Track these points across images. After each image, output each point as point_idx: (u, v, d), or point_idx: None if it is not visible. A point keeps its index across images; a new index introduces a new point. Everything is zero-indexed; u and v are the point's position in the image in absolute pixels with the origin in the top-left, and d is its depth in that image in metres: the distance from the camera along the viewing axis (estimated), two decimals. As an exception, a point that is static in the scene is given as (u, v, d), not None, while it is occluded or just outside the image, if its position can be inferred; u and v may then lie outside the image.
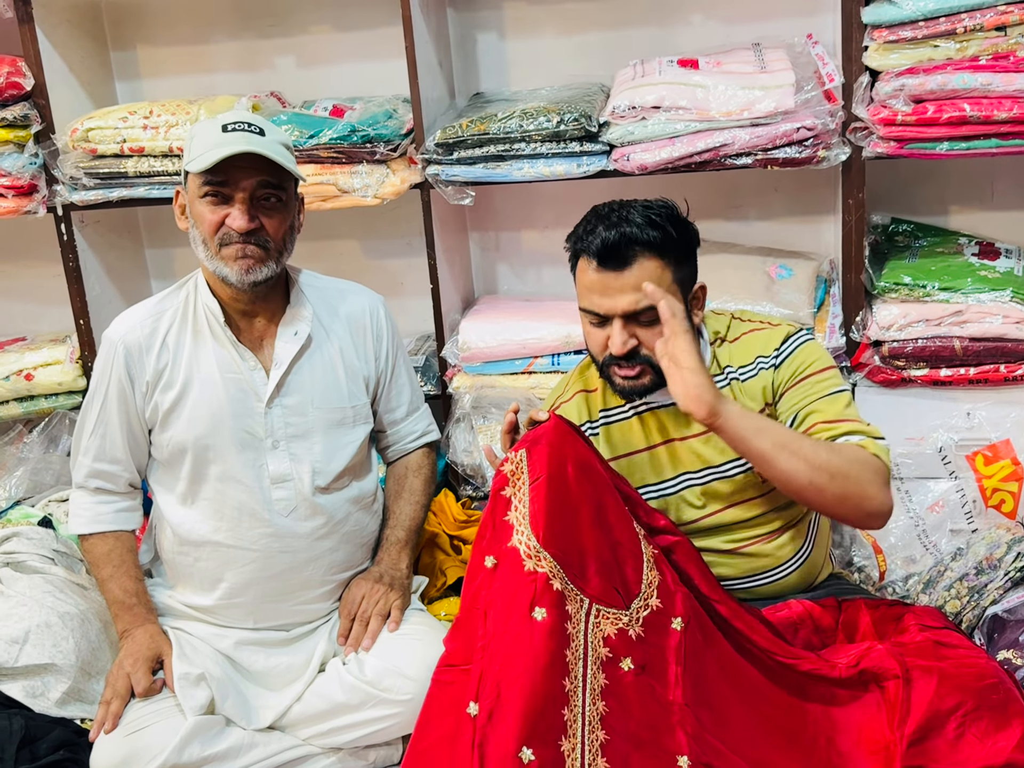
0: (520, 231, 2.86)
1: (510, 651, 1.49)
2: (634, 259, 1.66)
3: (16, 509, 2.59)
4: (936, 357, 2.27)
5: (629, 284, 1.66)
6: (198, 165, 1.77)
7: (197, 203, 1.82)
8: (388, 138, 2.46)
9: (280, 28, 2.81)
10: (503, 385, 2.54)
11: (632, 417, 1.85)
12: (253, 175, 1.79)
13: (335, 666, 1.91)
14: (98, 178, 2.60)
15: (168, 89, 2.89)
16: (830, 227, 2.63)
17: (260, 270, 1.83)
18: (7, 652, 1.94)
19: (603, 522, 1.60)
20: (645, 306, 1.66)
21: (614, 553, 1.59)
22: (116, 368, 1.90)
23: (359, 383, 2.00)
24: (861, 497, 1.61)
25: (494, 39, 2.72)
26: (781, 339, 1.79)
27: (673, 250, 1.70)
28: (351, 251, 2.92)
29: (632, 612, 1.57)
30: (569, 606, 1.53)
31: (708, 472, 1.81)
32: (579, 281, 1.75)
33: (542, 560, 1.53)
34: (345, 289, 2.07)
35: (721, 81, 2.26)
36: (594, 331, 1.74)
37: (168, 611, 1.98)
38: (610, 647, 1.54)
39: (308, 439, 1.93)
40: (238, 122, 1.81)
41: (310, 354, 1.94)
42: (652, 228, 1.68)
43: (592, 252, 1.68)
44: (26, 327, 3.11)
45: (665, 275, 1.69)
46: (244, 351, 1.90)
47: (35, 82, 2.61)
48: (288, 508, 1.91)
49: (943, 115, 2.13)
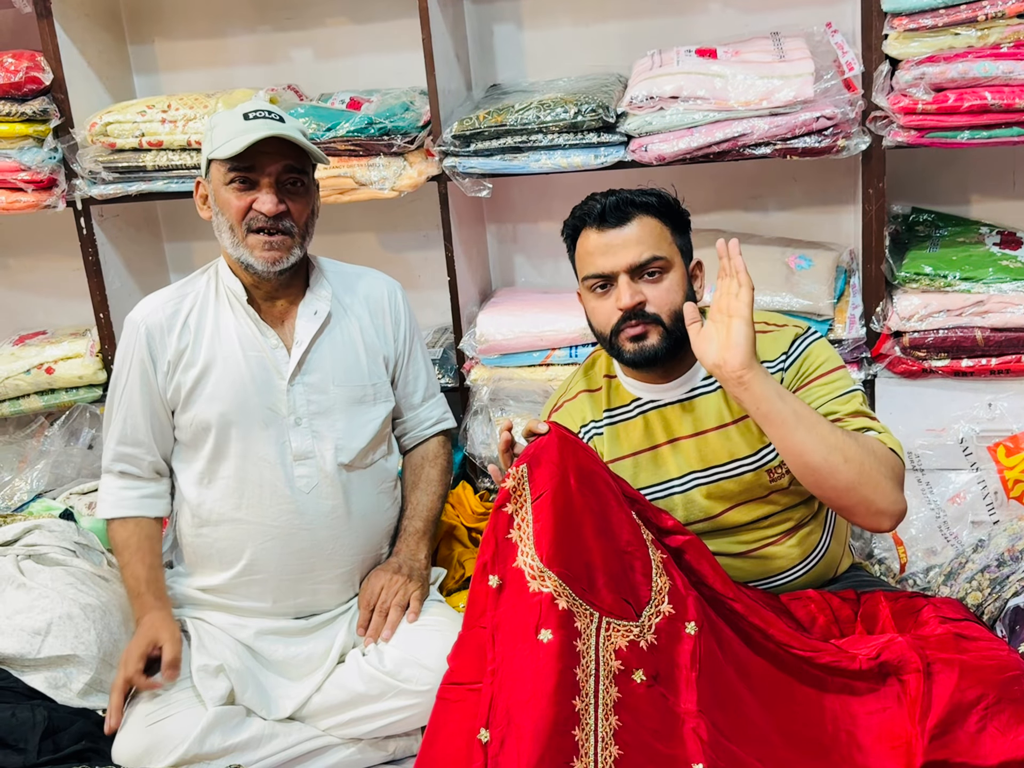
0: (537, 223, 2.85)
1: (518, 676, 1.49)
2: (633, 215, 1.71)
3: (38, 502, 2.61)
4: (957, 347, 2.26)
5: (632, 239, 1.70)
6: (225, 152, 1.80)
7: (223, 190, 1.85)
8: (405, 130, 2.46)
9: (297, 21, 2.82)
10: (521, 377, 2.54)
11: (637, 416, 1.83)
12: (278, 159, 1.83)
13: (355, 657, 1.92)
14: (117, 172, 2.61)
15: (186, 83, 2.90)
16: (850, 217, 2.61)
17: (286, 259, 1.87)
18: (30, 643, 1.95)
19: (608, 531, 1.60)
20: (649, 256, 1.69)
21: (621, 561, 1.59)
22: (138, 349, 1.93)
23: (378, 361, 2.03)
24: (873, 488, 1.58)
25: (511, 30, 2.72)
26: (789, 341, 1.78)
27: (669, 214, 1.74)
28: (368, 244, 2.92)
29: (644, 620, 1.56)
30: (578, 622, 1.52)
31: (715, 471, 1.79)
32: (580, 253, 1.77)
33: (547, 579, 1.52)
34: (363, 273, 2.11)
35: (740, 70, 2.25)
36: (599, 303, 1.75)
37: (187, 601, 1.99)
38: (622, 659, 1.53)
39: (330, 416, 1.95)
40: (258, 110, 1.85)
41: (330, 332, 1.97)
42: (645, 195, 1.74)
43: (593, 218, 1.73)
44: (46, 321, 3.14)
45: (665, 233, 1.73)
46: (266, 328, 1.92)
47: (54, 77, 2.62)
48: (310, 485, 1.93)
49: (964, 103, 2.11)
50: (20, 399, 2.87)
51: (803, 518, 1.83)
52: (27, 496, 2.64)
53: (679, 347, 1.73)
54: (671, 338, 1.71)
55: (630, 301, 1.69)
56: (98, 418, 2.86)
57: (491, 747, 1.46)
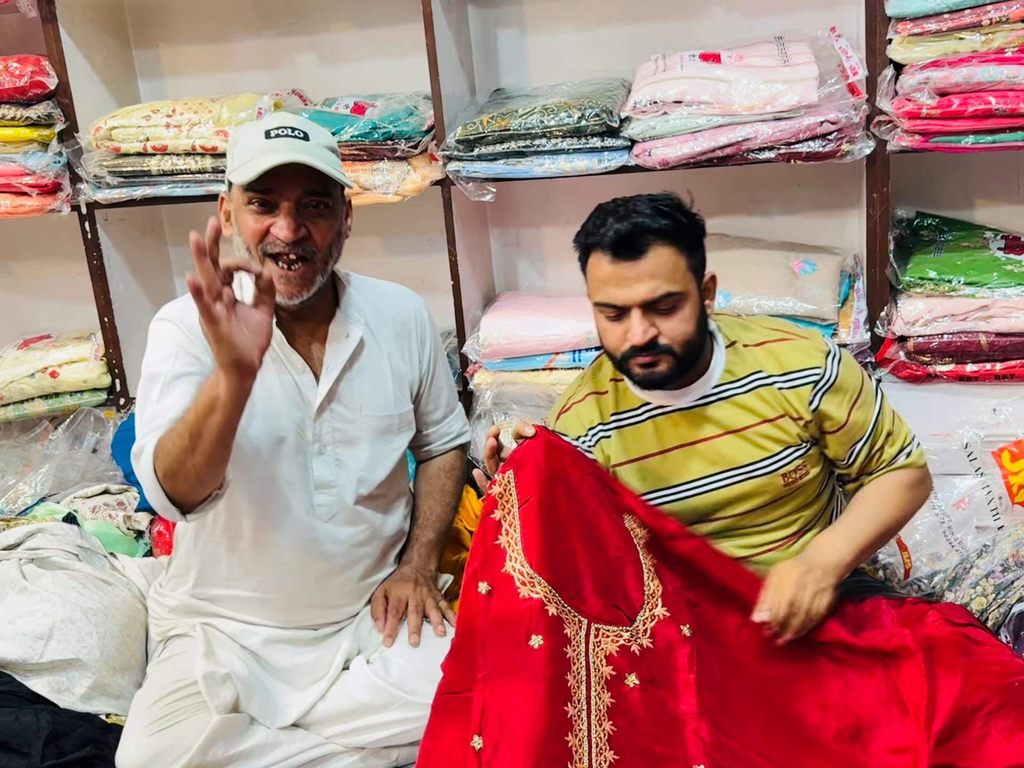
0: (541, 227, 2.85)
1: (510, 682, 1.48)
2: (648, 247, 1.65)
3: (41, 505, 2.61)
4: (962, 352, 2.26)
5: (646, 273, 1.65)
6: (241, 176, 1.71)
7: (242, 211, 1.75)
8: (409, 135, 2.46)
9: (301, 26, 2.82)
10: (524, 381, 2.54)
11: (646, 421, 1.81)
12: (298, 183, 1.72)
13: (360, 665, 1.90)
14: (121, 176, 2.61)
15: (190, 87, 2.91)
16: (854, 221, 2.61)
17: (306, 291, 1.78)
18: (32, 648, 1.95)
19: (597, 537, 1.59)
20: (663, 293, 1.65)
21: (611, 567, 1.58)
22: (182, 341, 1.78)
23: (404, 389, 1.98)
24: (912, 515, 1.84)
25: (515, 35, 2.72)
26: (822, 358, 1.76)
27: (685, 238, 1.69)
28: (372, 248, 2.92)
29: (638, 624, 1.56)
30: (567, 629, 1.53)
31: (727, 475, 1.77)
32: (592, 276, 1.73)
33: (536, 586, 1.52)
34: (390, 292, 2.03)
35: (743, 75, 2.25)
36: (610, 326, 1.72)
37: (196, 610, 1.96)
38: (613, 665, 1.53)
39: (355, 446, 1.90)
40: (281, 127, 1.73)
41: (360, 360, 1.90)
42: (662, 217, 1.67)
43: (606, 244, 1.67)
44: (51, 325, 3.14)
45: (680, 262, 1.68)
46: (291, 353, 1.84)
47: (59, 81, 2.63)
48: (329, 514, 1.89)
49: (968, 108, 2.11)
50: (24, 403, 2.87)
51: (810, 520, 1.83)
52: (31, 500, 2.64)
53: (689, 368, 1.73)
54: (681, 365, 1.70)
55: (642, 338, 1.65)
56: (103, 422, 2.87)
57: (484, 753, 1.46)
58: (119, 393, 2.86)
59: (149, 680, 1.92)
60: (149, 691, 1.86)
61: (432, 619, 1.92)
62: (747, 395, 1.76)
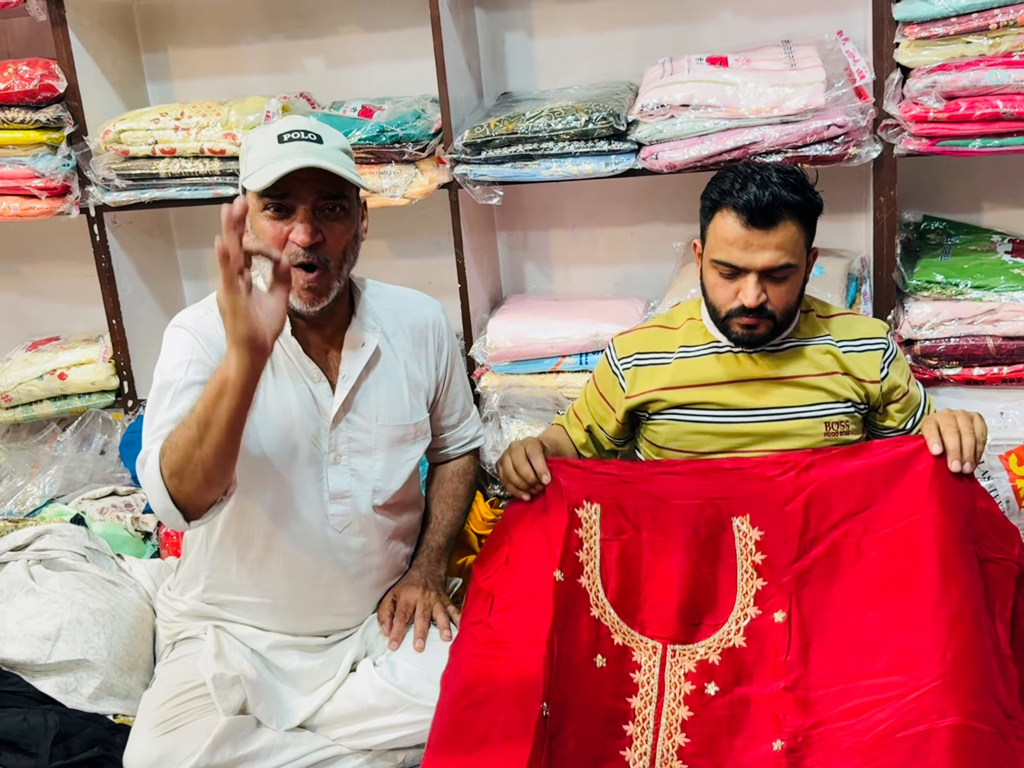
0: (548, 230, 2.86)
1: (573, 682, 1.56)
2: (780, 220, 1.77)
3: (50, 507, 2.62)
4: (969, 356, 2.25)
5: (772, 243, 1.77)
6: (255, 183, 1.68)
7: (258, 217, 1.72)
8: (417, 138, 2.47)
9: (309, 30, 2.83)
10: (531, 384, 2.54)
11: (710, 355, 1.93)
12: (313, 187, 1.69)
13: (366, 667, 1.89)
14: (130, 179, 2.62)
15: (199, 90, 2.92)
16: (861, 225, 2.61)
17: (325, 298, 1.76)
18: (40, 649, 1.96)
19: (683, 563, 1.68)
20: (783, 263, 1.78)
21: (699, 584, 1.66)
22: (196, 350, 1.75)
23: (420, 398, 1.96)
24: None
25: (522, 38, 2.72)
26: (885, 332, 1.95)
27: (809, 215, 1.83)
28: (379, 251, 2.93)
29: (726, 628, 1.62)
30: (637, 656, 1.60)
31: (772, 411, 1.89)
32: (716, 233, 1.82)
33: (607, 613, 1.63)
34: (407, 298, 2.01)
35: (751, 78, 2.25)
36: (722, 283, 1.83)
37: (206, 615, 1.95)
38: (691, 680, 1.59)
39: (370, 456, 1.88)
40: (294, 131, 1.71)
41: (376, 369, 1.88)
42: (796, 192, 1.79)
43: (741, 207, 1.77)
44: (59, 327, 3.15)
45: (801, 240, 1.81)
46: (308, 362, 1.82)
47: (68, 84, 2.64)
48: (343, 524, 1.87)
49: (976, 112, 2.11)
50: (33, 405, 2.88)
51: None
52: (39, 501, 2.65)
53: (783, 332, 1.89)
54: (778, 329, 1.86)
55: (755, 302, 1.79)
56: (111, 423, 2.87)
57: (550, 724, 1.52)
58: (127, 395, 2.87)
59: (157, 681, 1.93)
60: (157, 692, 1.87)
61: (439, 623, 1.92)
62: (812, 350, 1.90)
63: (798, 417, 1.88)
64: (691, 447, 1.93)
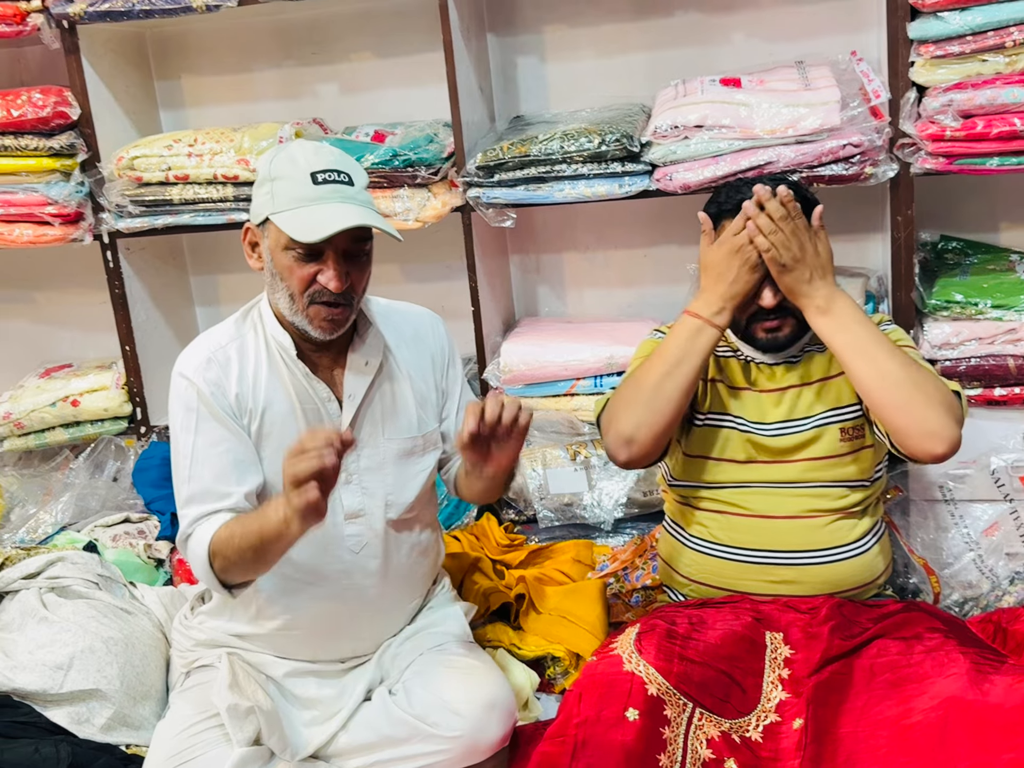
0: (561, 253, 2.85)
1: (603, 742, 1.56)
2: None
3: (62, 534, 2.61)
4: (990, 376, 2.23)
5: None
6: (299, 233, 1.65)
7: (281, 254, 1.71)
8: (429, 162, 2.47)
9: (322, 56, 2.84)
10: (545, 407, 2.52)
11: (730, 357, 1.96)
12: (346, 234, 1.68)
13: (382, 696, 1.87)
14: (143, 205, 2.63)
15: (212, 117, 2.93)
16: (877, 244, 2.59)
17: (341, 329, 1.77)
18: (52, 678, 1.94)
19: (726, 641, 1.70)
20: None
21: (730, 670, 1.67)
22: (201, 404, 1.76)
23: (429, 410, 1.95)
24: (927, 407, 1.70)
25: (534, 62, 2.73)
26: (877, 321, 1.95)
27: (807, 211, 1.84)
28: (392, 275, 2.93)
29: (748, 719, 1.63)
30: (668, 711, 1.59)
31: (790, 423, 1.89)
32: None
33: (640, 665, 1.63)
34: (405, 311, 2.01)
35: (765, 99, 2.24)
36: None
37: (223, 644, 1.93)
38: (713, 748, 1.58)
39: (380, 471, 1.87)
40: (328, 171, 1.69)
41: (380, 384, 1.87)
42: (790, 186, 1.85)
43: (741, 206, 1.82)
44: (72, 354, 3.15)
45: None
46: (316, 383, 1.81)
47: (81, 112, 2.65)
48: (360, 544, 1.86)
49: (993, 130, 2.09)
50: (45, 432, 2.88)
51: (856, 506, 1.88)
52: (51, 529, 2.64)
53: (805, 334, 1.90)
54: (801, 329, 1.88)
55: (773, 301, 1.83)
56: (123, 450, 2.87)
57: None
58: (140, 421, 2.87)
59: (171, 711, 1.90)
60: (171, 722, 1.84)
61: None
62: (826, 353, 1.90)
63: (814, 426, 1.87)
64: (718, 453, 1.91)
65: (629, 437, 1.82)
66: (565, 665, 2.16)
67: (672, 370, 1.81)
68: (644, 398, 1.82)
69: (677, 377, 1.80)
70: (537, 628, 2.22)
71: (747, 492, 1.89)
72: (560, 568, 2.37)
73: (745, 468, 1.90)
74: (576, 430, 2.50)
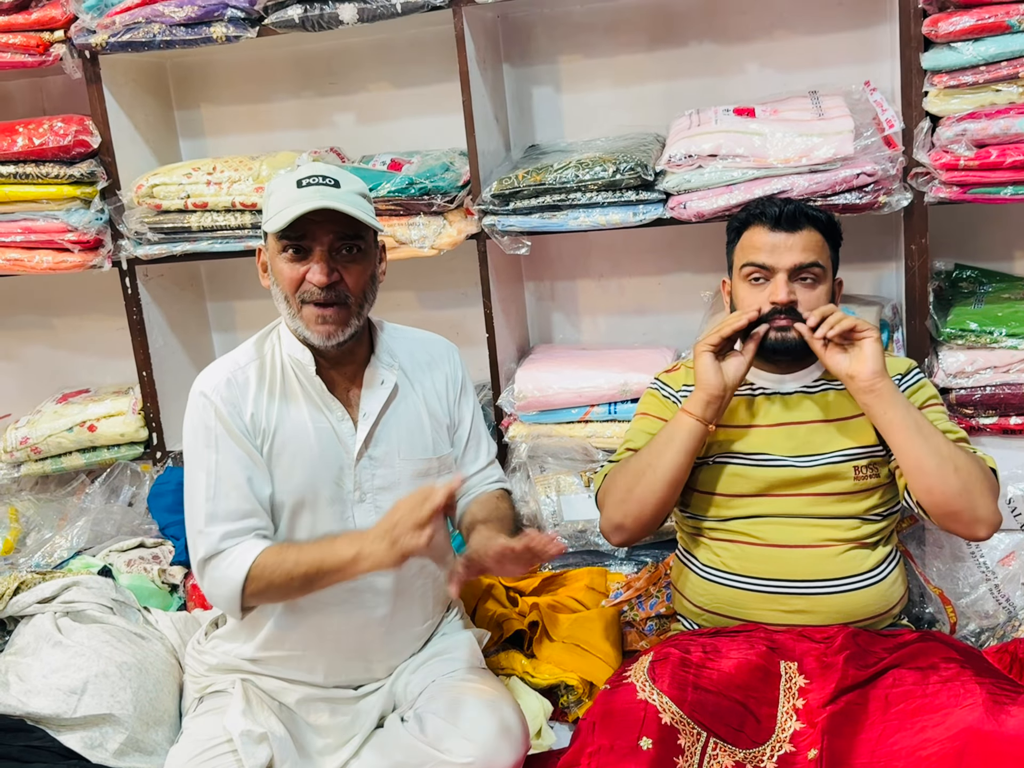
0: (575, 280, 2.86)
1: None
2: (804, 225, 1.88)
3: (78, 559, 2.61)
4: (1005, 404, 2.22)
5: (798, 245, 1.86)
6: (273, 225, 1.73)
7: (277, 260, 1.78)
8: (445, 190, 2.49)
9: (339, 86, 2.87)
10: (559, 434, 2.52)
11: (744, 397, 1.96)
12: (330, 228, 1.74)
13: (394, 722, 1.86)
14: (162, 233, 2.66)
15: (231, 146, 2.96)
16: (891, 273, 2.59)
17: (342, 332, 1.79)
18: (65, 703, 1.94)
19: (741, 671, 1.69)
20: (811, 261, 1.86)
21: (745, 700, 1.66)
22: (220, 422, 1.78)
23: (442, 432, 1.96)
24: (977, 496, 1.73)
25: (549, 92, 2.75)
26: (906, 368, 1.96)
27: (831, 232, 1.92)
28: (408, 301, 2.94)
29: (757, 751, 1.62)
30: (682, 740, 1.59)
31: (801, 458, 1.88)
32: (746, 244, 1.92)
33: (654, 694, 1.63)
34: (421, 338, 2.04)
35: (778, 128, 2.25)
36: (751, 292, 1.89)
37: (237, 668, 1.92)
38: None
39: (395, 491, 1.86)
40: (312, 176, 1.76)
41: (396, 404, 1.89)
42: (816, 210, 1.92)
43: (768, 217, 1.89)
44: (90, 379, 3.18)
45: (825, 249, 1.90)
46: (331, 401, 1.84)
47: (102, 140, 2.68)
48: None
49: (1007, 159, 2.10)
50: (62, 457, 2.89)
51: (869, 537, 1.87)
52: (67, 553, 2.65)
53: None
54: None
55: (785, 297, 1.84)
56: (139, 475, 2.88)
57: None
58: (156, 447, 2.88)
59: (184, 736, 1.90)
60: (184, 748, 1.83)
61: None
62: (844, 392, 1.89)
63: (829, 463, 1.87)
64: (725, 489, 1.91)
65: (618, 524, 1.90)
66: (578, 693, 2.14)
67: (654, 461, 1.85)
68: (630, 487, 1.87)
69: (659, 470, 1.84)
70: (550, 656, 2.21)
71: (759, 523, 1.88)
72: (574, 595, 2.36)
73: (755, 501, 1.89)
74: (590, 457, 2.50)
